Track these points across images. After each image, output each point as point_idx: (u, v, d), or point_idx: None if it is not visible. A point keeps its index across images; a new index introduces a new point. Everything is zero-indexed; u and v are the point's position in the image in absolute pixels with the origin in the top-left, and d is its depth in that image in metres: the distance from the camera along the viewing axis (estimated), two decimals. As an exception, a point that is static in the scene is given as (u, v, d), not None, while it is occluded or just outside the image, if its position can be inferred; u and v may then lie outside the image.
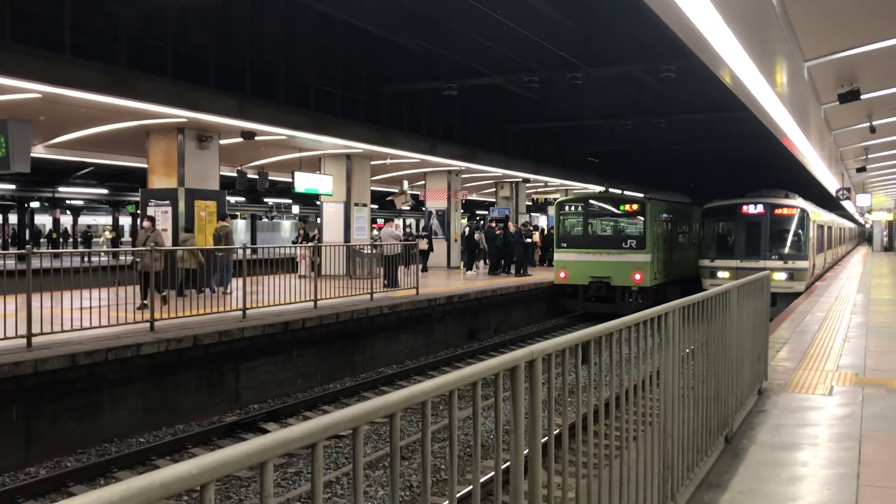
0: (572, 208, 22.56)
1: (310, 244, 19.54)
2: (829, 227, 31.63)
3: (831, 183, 27.57)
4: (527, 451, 2.82)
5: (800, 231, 21.86)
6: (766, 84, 9.91)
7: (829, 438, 6.01)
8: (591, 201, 22.52)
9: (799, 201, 22.86)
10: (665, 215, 23.42)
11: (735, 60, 8.49)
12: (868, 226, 68.67)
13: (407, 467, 9.30)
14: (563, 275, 21.94)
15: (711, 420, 5.17)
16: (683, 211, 26.17)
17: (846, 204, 38.12)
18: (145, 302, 12.44)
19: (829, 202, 36.87)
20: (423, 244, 23.46)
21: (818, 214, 26.03)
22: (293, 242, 22.41)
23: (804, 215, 21.97)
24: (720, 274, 21.44)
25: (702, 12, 6.55)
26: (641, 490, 3.75)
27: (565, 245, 22.16)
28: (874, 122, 13.59)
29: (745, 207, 22.13)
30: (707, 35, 7.31)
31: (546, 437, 3.09)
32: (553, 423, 3.06)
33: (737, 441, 5.83)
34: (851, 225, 57.82)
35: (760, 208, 21.95)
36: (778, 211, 22.00)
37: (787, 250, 21.72)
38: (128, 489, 1.26)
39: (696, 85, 18.59)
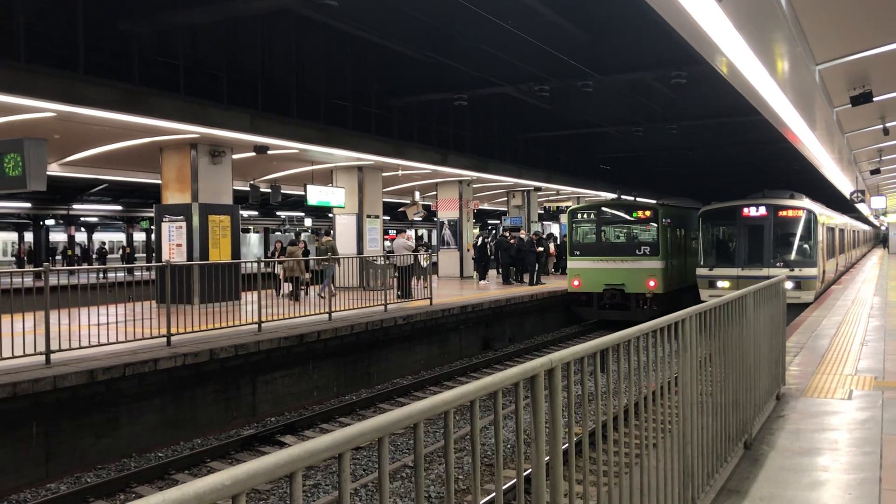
0: (585, 216, 22.52)
1: (291, 258, 18.40)
2: (842, 230, 30.11)
3: (845, 186, 27.42)
4: (548, 458, 2.83)
5: (807, 235, 20.04)
6: (776, 87, 9.91)
7: (849, 443, 5.97)
8: (604, 208, 22.49)
9: (805, 202, 21.00)
10: (678, 221, 23.36)
11: (745, 64, 8.49)
12: (883, 228, 68.19)
13: (425, 477, 9.28)
14: (576, 283, 21.89)
15: (730, 426, 5.15)
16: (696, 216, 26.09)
17: (861, 206, 37.84)
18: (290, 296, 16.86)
19: (843, 205, 36.62)
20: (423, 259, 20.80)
21: (827, 216, 24.34)
22: (269, 257, 21.26)
23: (811, 217, 20.09)
24: (720, 284, 19.80)
25: (711, 18, 6.57)
26: (662, 497, 3.75)
27: (578, 253, 22.11)
28: (888, 124, 13.53)
29: (745, 210, 20.32)
30: (717, 40, 7.33)
31: (567, 445, 3.10)
32: (573, 431, 3.07)
33: (756, 447, 5.80)
34: (865, 227, 56.97)
35: (763, 210, 20.14)
36: (782, 213, 20.18)
37: (793, 256, 19.89)
38: (163, 500, 1.28)
39: (707, 90, 18.60)
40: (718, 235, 21.57)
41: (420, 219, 44.60)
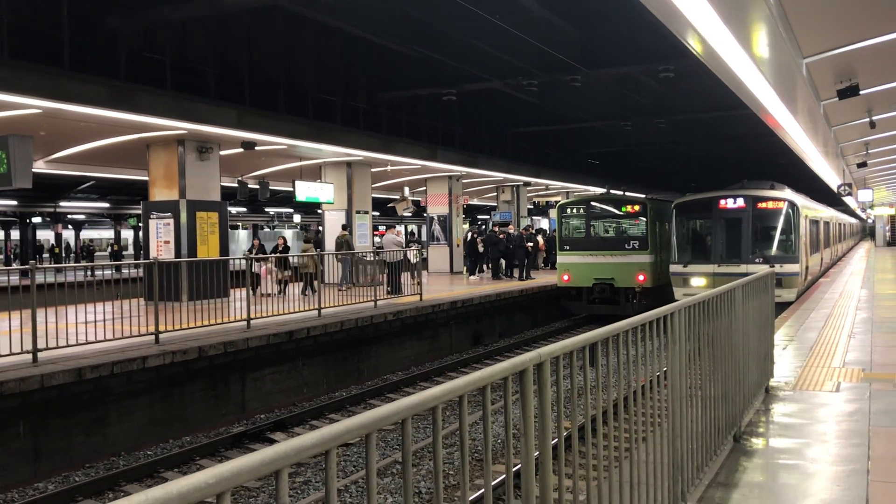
0: (574, 210, 22.54)
1: (268, 255, 18.30)
2: (827, 224, 28.90)
3: (832, 179, 27.57)
4: (537, 454, 2.82)
5: (788, 228, 18.79)
6: (764, 81, 9.93)
7: (837, 435, 6.00)
8: (593, 203, 22.51)
9: (787, 192, 19.86)
10: (667, 215, 23.41)
11: (733, 58, 8.50)
12: (870, 221, 68.62)
13: (415, 473, 9.29)
14: (566, 277, 21.92)
15: (720, 419, 5.16)
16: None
17: (848, 200, 38.08)
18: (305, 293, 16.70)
19: (830, 198, 36.80)
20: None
21: (811, 208, 23.10)
22: (249, 252, 19.91)
23: (793, 209, 18.81)
24: (694, 282, 18.67)
25: (698, 11, 6.57)
26: (652, 491, 3.75)
27: (568, 247, 22.12)
28: (874, 118, 13.59)
29: (722, 201, 19.05)
30: (704, 33, 7.33)
31: (556, 440, 3.09)
32: (563, 426, 3.06)
33: (745, 439, 5.82)
34: (852, 220, 56.70)
35: (740, 202, 18.89)
36: (761, 205, 18.89)
37: (773, 251, 18.67)
38: (146, 499, 1.26)
39: (696, 84, 18.63)
40: (693, 229, 20.44)
41: (409, 214, 44.60)
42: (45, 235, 50.84)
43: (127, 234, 51.97)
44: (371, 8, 15.14)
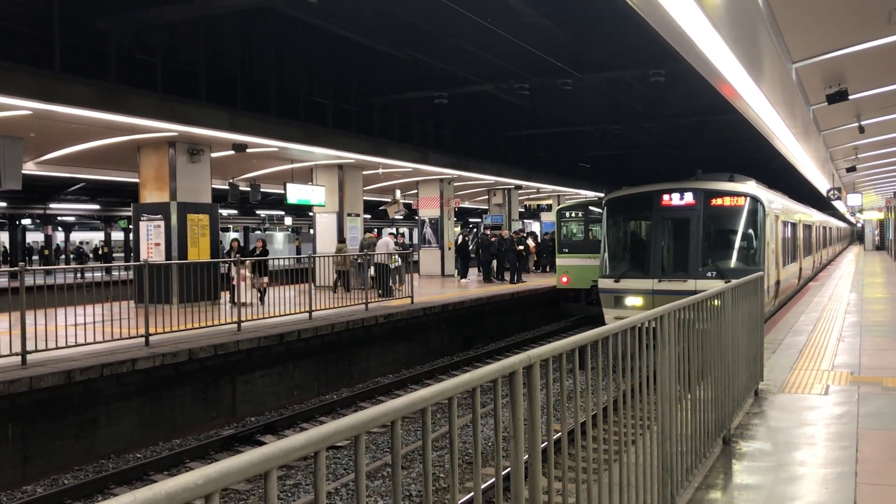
0: (572, 215, 22.55)
1: (243, 258, 17.10)
2: (808, 227, 25.72)
3: (822, 183, 27.72)
4: (527, 457, 2.82)
5: (752, 231, 14.77)
6: (754, 86, 9.98)
7: (826, 437, 6.03)
8: (591, 207, 22.55)
9: (750, 186, 15.64)
10: None
11: (722, 63, 8.55)
12: (859, 225, 68.97)
13: (406, 476, 9.28)
14: (565, 279, 21.94)
15: (709, 422, 5.18)
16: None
17: (837, 204, 38.27)
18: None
19: (820, 202, 36.97)
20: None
21: (784, 207, 18.97)
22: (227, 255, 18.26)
23: (758, 207, 14.73)
24: (629, 301, 14.74)
25: (689, 16, 6.60)
26: (641, 493, 3.76)
27: (567, 250, 22.13)
28: (863, 122, 13.69)
29: (665, 197, 14.95)
30: (694, 38, 7.37)
31: (546, 443, 3.10)
32: (552, 429, 3.07)
33: (734, 442, 5.84)
34: (840, 224, 56.32)
35: (689, 198, 14.77)
36: (716, 201, 14.79)
37: (731, 262, 14.68)
38: (133, 500, 1.27)
39: (686, 89, 18.68)
40: (628, 233, 16.73)
41: (401, 217, 44.56)
42: (35, 238, 50.59)
43: (116, 236, 51.77)
44: (362, 11, 15.14)
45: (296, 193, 20.44)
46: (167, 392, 11.18)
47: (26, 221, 43.59)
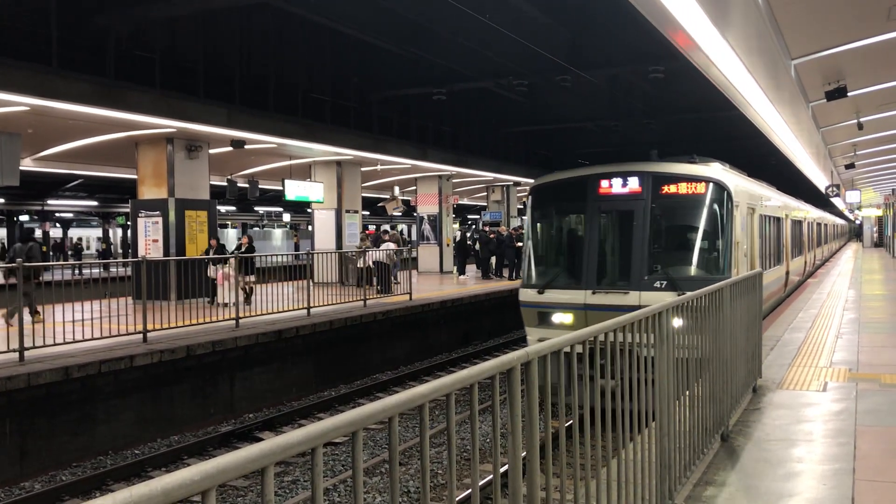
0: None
1: (226, 255, 16.27)
2: (798, 223, 22.46)
3: (821, 180, 27.74)
4: (525, 453, 2.82)
5: (715, 228, 11.33)
6: (753, 83, 9.98)
7: (823, 434, 6.03)
8: None
9: (714, 169, 12.02)
10: None
11: (722, 60, 8.54)
12: (857, 222, 68.99)
13: (404, 472, 9.28)
14: None
15: (707, 419, 5.18)
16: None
17: (836, 201, 38.30)
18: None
19: (818, 199, 36.96)
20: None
21: (762, 198, 15.25)
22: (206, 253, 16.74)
23: (722, 197, 11.23)
24: (556, 318, 11.65)
25: (688, 13, 6.59)
26: (640, 490, 3.76)
27: None
28: (861, 119, 13.69)
29: (603, 183, 11.68)
30: (694, 35, 7.36)
31: (544, 439, 3.09)
32: (550, 425, 3.06)
33: (733, 439, 5.84)
34: (838, 220, 55.12)
35: (633, 184, 11.44)
36: (668, 188, 11.38)
37: (686, 268, 11.51)
38: (130, 496, 1.26)
39: (685, 86, 18.64)
40: (557, 231, 13.18)
41: (399, 214, 44.54)
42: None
43: (115, 233, 51.71)
44: (361, 7, 15.11)
45: (294, 190, 20.42)
46: (165, 389, 11.17)
47: (24, 217, 43.53)
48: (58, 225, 48.18)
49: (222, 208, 42.22)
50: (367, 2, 14.79)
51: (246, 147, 17.36)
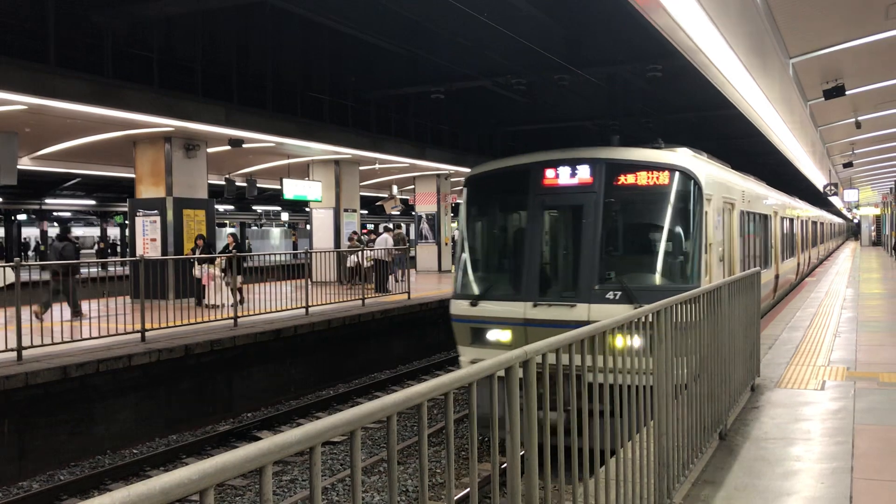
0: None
1: (215, 254, 15.76)
2: (790, 221, 20.50)
3: (819, 179, 27.76)
4: (523, 451, 2.82)
5: (682, 227, 9.43)
6: (751, 81, 9.97)
7: (822, 433, 6.04)
8: None
9: (681, 156, 9.94)
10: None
11: (719, 58, 8.54)
12: (856, 221, 69.06)
13: (402, 472, 9.28)
14: None
15: (705, 417, 5.18)
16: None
17: (834, 199, 38.33)
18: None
19: (816, 198, 36.96)
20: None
21: (746, 193, 13.29)
22: (192, 252, 16.02)
23: (690, 189, 9.37)
24: (491, 335, 9.74)
25: (686, 11, 6.59)
26: (638, 488, 3.76)
27: None
28: (860, 118, 13.69)
29: (548, 173, 9.80)
30: (692, 33, 7.36)
31: (542, 438, 3.09)
32: (548, 423, 3.06)
33: (731, 437, 5.84)
34: (835, 219, 53.83)
35: (584, 174, 9.58)
36: (624, 178, 9.52)
37: (646, 276, 9.65)
38: (128, 495, 1.26)
39: (683, 84, 18.67)
40: (494, 230, 11.07)
41: (398, 213, 44.52)
42: (31, 233, 50.47)
43: (113, 232, 51.68)
44: (358, 5, 15.10)
45: (292, 189, 20.42)
46: (163, 388, 11.16)
47: (22, 217, 43.48)
48: (56, 223, 48.14)
49: (220, 207, 42.18)
50: (366, 0, 14.79)
51: (244, 146, 17.35)
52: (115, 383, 10.45)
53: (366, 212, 39.63)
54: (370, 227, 36.53)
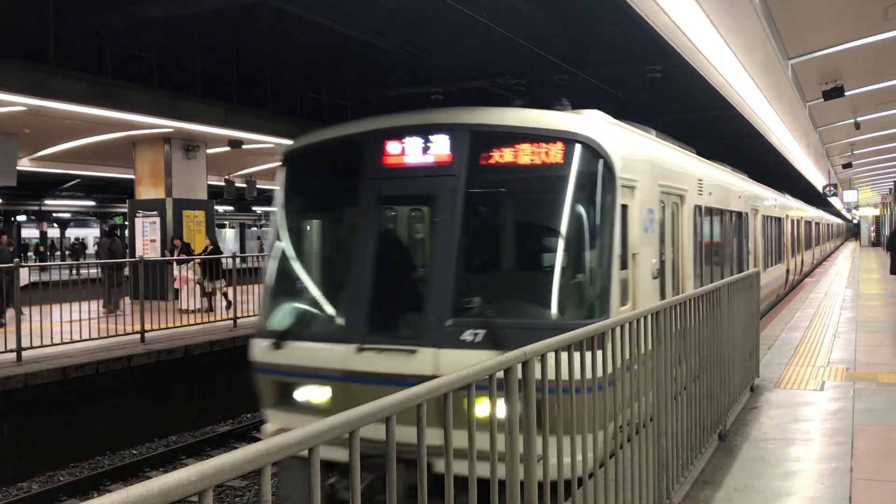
0: None
1: (190, 256, 15.01)
2: (776, 220, 17.74)
3: (818, 180, 27.76)
4: (522, 451, 2.82)
5: (582, 228, 6.12)
6: (750, 82, 9.98)
7: (821, 433, 6.04)
8: None
9: (585, 121, 6.38)
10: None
11: (719, 59, 8.54)
12: (855, 221, 69.07)
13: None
14: None
15: (705, 418, 5.18)
16: None
17: (833, 200, 38.34)
18: None
19: (815, 199, 36.93)
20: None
21: (692, 175, 9.23)
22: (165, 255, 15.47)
23: (595, 169, 6.07)
24: (301, 395, 6.39)
25: (685, 12, 6.59)
26: (637, 489, 3.75)
27: None
28: (859, 119, 13.70)
29: (390, 147, 6.44)
30: (691, 35, 7.36)
31: (542, 438, 3.09)
32: (548, 424, 3.06)
33: (730, 438, 5.84)
34: (834, 219, 53.33)
35: (440, 148, 6.27)
36: (498, 155, 6.15)
37: (527, 308, 6.31)
38: (127, 496, 1.26)
39: (682, 85, 18.62)
40: (309, 234, 7.80)
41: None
42: (31, 234, 50.47)
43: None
44: (357, 5, 15.10)
45: (292, 189, 20.38)
46: (163, 388, 11.15)
47: (21, 218, 43.49)
48: (55, 225, 48.15)
49: (220, 208, 42.17)
50: (365, 0, 14.79)
51: (243, 147, 17.34)
52: (115, 384, 10.44)
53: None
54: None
